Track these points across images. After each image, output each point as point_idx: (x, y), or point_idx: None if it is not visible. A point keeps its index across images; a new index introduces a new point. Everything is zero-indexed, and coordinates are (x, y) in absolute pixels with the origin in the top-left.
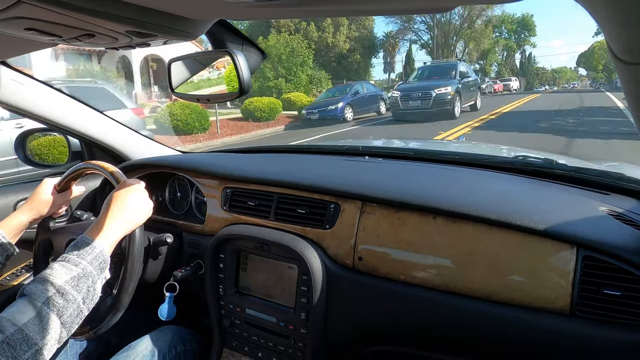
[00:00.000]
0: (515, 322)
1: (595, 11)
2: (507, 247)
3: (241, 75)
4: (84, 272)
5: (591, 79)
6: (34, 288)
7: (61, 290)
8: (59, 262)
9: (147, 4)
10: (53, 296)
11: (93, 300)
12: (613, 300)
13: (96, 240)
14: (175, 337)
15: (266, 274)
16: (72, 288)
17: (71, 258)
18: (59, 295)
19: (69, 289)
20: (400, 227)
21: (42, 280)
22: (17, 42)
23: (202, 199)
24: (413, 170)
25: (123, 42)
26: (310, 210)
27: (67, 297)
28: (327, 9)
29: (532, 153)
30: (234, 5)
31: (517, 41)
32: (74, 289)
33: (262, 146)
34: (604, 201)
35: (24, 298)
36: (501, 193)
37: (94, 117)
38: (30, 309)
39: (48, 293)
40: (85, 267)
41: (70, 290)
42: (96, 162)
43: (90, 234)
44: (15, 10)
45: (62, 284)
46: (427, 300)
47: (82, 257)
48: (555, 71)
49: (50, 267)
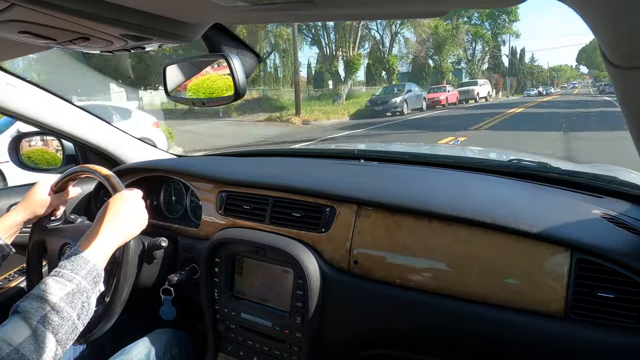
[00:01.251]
0: (510, 324)
1: (587, 15)
2: (501, 250)
3: (237, 79)
4: (78, 288)
5: (593, 78)
6: (28, 306)
7: (56, 307)
8: (52, 278)
9: (142, 8)
10: (48, 314)
11: (88, 315)
12: (607, 303)
13: (90, 253)
14: (171, 340)
15: (261, 278)
16: (66, 305)
17: (65, 273)
18: (54, 312)
19: (63, 305)
20: (396, 230)
21: (37, 298)
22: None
23: (197, 203)
24: (408, 174)
25: (118, 46)
26: (305, 214)
27: (62, 315)
28: (323, 13)
29: (526, 156)
30: (230, 9)
31: (493, 29)
32: (68, 306)
33: (258, 150)
34: (598, 204)
35: (18, 316)
36: (496, 196)
37: (88, 120)
38: (25, 328)
39: (43, 311)
40: (80, 283)
41: (65, 307)
42: (93, 167)
43: (84, 246)
44: (9, 14)
45: (56, 301)
46: (422, 303)
47: (76, 271)
48: (553, 69)
49: (44, 283)
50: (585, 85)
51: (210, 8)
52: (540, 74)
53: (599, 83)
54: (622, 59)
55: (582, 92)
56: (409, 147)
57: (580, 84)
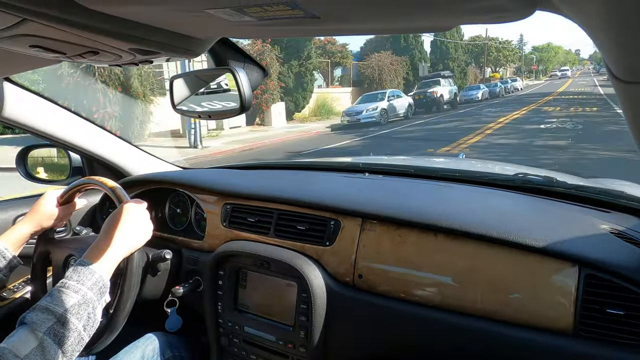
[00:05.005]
0: (517, 341)
1: (593, 31)
2: (508, 265)
3: (242, 92)
4: (84, 299)
5: (594, 63)
6: (35, 317)
7: (62, 319)
8: (58, 289)
9: (151, 23)
10: (54, 325)
11: (94, 327)
12: (616, 320)
13: (96, 265)
14: (163, 343)
15: (265, 291)
16: (72, 316)
17: (71, 284)
18: (60, 324)
19: (69, 317)
20: (401, 244)
21: (43, 309)
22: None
23: (202, 215)
24: (413, 188)
25: (126, 60)
26: (310, 227)
27: (68, 326)
28: (328, 28)
29: (532, 171)
30: (237, 24)
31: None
32: (74, 317)
33: (263, 162)
34: (605, 219)
35: (25, 327)
36: (502, 211)
37: (95, 132)
38: (32, 339)
39: (49, 322)
40: (86, 294)
41: (71, 319)
42: (99, 179)
43: (90, 257)
44: (21, 28)
45: (62, 312)
46: (427, 318)
47: (82, 282)
48: (537, 50)
49: (51, 295)
50: (586, 72)
51: (218, 23)
52: (509, 56)
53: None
54: (626, 73)
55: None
56: (414, 160)
57: (579, 69)
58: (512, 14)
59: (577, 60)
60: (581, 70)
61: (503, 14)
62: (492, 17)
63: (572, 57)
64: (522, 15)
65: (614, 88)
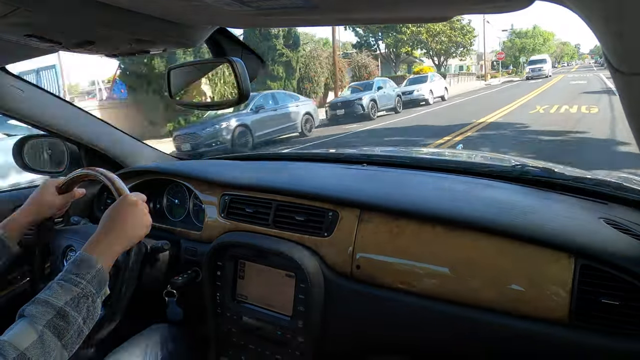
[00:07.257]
0: (514, 331)
1: (590, 20)
2: (505, 256)
3: (240, 83)
4: (84, 292)
5: (596, 57)
6: (34, 310)
7: (62, 312)
8: (57, 282)
9: (147, 12)
10: (54, 318)
11: (93, 320)
12: (611, 310)
13: (95, 258)
14: (167, 336)
15: (264, 282)
16: (72, 309)
17: (70, 277)
18: (59, 317)
19: (69, 310)
20: (399, 235)
21: (43, 302)
22: (17, 48)
23: (200, 206)
24: (412, 179)
25: (123, 50)
26: (308, 218)
27: (68, 319)
28: (328, 18)
29: (530, 162)
30: (235, 14)
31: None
32: (74, 310)
33: (261, 153)
34: (602, 210)
35: (24, 320)
36: (500, 202)
37: (93, 123)
38: (31, 332)
39: (49, 315)
40: (85, 287)
41: (71, 312)
42: (100, 170)
43: (90, 250)
44: (16, 17)
45: (62, 305)
46: (425, 309)
47: (81, 276)
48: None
49: (50, 288)
50: (588, 66)
51: (215, 12)
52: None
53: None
54: (625, 65)
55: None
56: (412, 151)
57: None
58: (512, 3)
59: (577, 54)
60: (579, 65)
61: (502, 3)
62: (491, 6)
63: (569, 50)
64: (522, 5)
65: (613, 81)
